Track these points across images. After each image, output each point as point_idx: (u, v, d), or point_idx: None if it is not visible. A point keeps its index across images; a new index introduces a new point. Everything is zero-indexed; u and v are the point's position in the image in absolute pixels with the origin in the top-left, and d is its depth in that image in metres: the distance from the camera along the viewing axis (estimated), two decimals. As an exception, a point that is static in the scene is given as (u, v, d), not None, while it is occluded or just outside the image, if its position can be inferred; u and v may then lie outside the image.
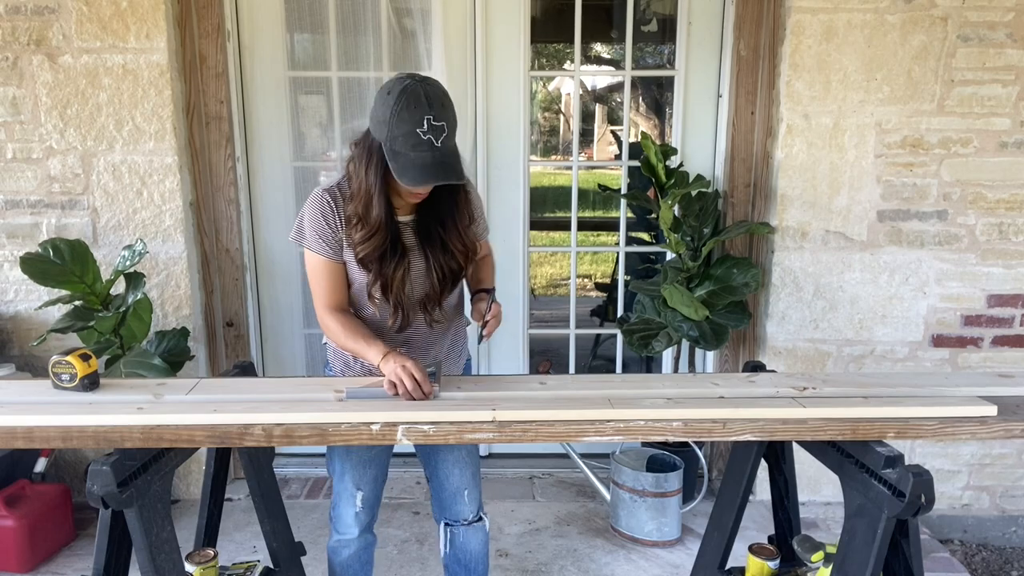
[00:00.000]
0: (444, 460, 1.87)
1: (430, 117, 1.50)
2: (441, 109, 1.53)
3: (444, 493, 1.91)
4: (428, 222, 1.70)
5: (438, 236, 1.71)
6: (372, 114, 1.59)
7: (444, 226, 1.71)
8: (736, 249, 2.87)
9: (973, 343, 2.81)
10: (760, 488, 2.88)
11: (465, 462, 1.88)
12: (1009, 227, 2.71)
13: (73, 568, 2.52)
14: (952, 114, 2.62)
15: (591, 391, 1.54)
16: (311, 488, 3.08)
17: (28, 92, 2.62)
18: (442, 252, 1.71)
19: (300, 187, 3.02)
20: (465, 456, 1.88)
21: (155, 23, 2.58)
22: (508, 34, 2.85)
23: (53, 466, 2.86)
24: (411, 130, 1.50)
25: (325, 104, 3.00)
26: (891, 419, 1.40)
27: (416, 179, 1.53)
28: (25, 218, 2.73)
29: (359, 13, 2.86)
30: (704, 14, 2.84)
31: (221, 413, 1.39)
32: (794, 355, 2.82)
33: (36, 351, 2.77)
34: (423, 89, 1.51)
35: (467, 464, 1.89)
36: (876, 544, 1.35)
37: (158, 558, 1.39)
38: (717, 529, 1.88)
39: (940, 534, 2.95)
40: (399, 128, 1.51)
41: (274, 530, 1.90)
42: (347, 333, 1.65)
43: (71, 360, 1.50)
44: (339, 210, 1.66)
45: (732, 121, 2.81)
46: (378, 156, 1.57)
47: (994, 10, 2.54)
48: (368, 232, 1.62)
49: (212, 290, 2.94)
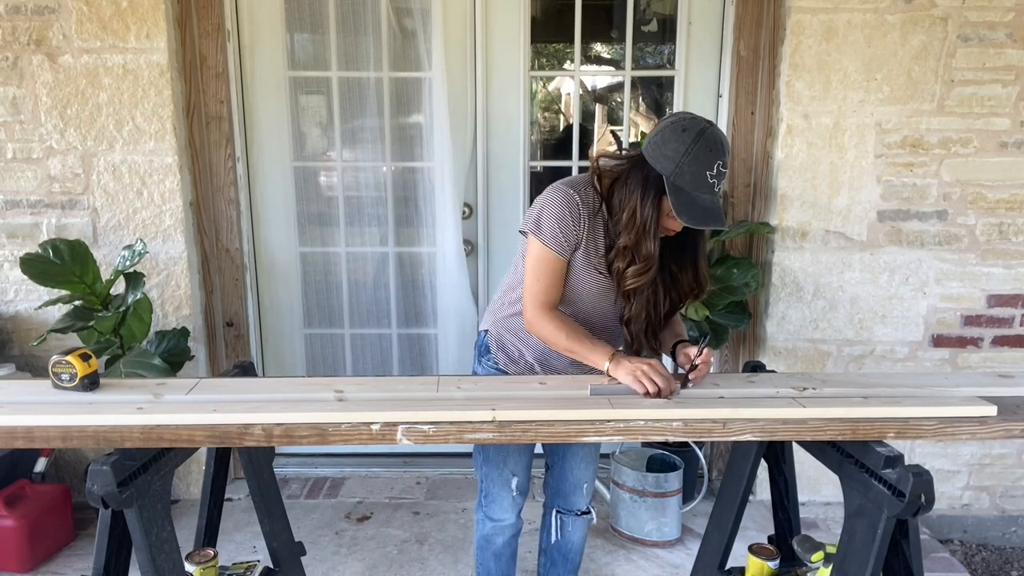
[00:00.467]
0: (574, 454, 1.96)
1: (720, 163, 1.55)
2: (729, 158, 1.59)
3: (565, 484, 2.00)
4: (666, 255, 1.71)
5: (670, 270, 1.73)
6: (656, 146, 1.58)
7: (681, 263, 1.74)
8: (736, 249, 2.87)
9: (973, 343, 2.81)
10: (760, 488, 2.88)
11: (591, 458, 1.98)
12: (1009, 227, 2.71)
13: (73, 568, 2.52)
14: (952, 114, 2.62)
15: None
16: (311, 488, 3.08)
17: (28, 92, 2.62)
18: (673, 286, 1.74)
19: (300, 187, 3.02)
20: (593, 452, 1.98)
21: (155, 23, 2.58)
22: (508, 34, 2.85)
23: (53, 466, 2.86)
24: (701, 172, 1.54)
25: (325, 104, 3.00)
26: (891, 419, 1.40)
27: (696, 220, 1.55)
28: (25, 218, 2.73)
29: (359, 13, 2.86)
30: (704, 14, 2.84)
31: (221, 413, 1.39)
32: (794, 355, 2.82)
33: (36, 351, 2.77)
34: (719, 136, 1.57)
35: (592, 460, 1.99)
36: (876, 544, 1.35)
37: (158, 558, 1.39)
38: (717, 529, 1.88)
39: (940, 534, 2.95)
40: (691, 167, 1.54)
41: (274, 530, 1.89)
42: (569, 335, 1.65)
43: (71, 360, 1.50)
44: (583, 213, 1.66)
45: (732, 121, 2.80)
46: (655, 189, 1.59)
47: (994, 10, 2.54)
48: (642, 268, 1.64)
49: (212, 290, 2.94)
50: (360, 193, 3.05)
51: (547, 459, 2.03)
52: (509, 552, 2.01)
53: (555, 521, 2.03)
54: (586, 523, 2.06)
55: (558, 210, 1.64)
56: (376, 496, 3.03)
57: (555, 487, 2.03)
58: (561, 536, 2.05)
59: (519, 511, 1.97)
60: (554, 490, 2.04)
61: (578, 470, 1.98)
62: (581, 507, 2.03)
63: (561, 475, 2.00)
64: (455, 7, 2.84)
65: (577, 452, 1.96)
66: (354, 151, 3.03)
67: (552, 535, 2.05)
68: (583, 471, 1.98)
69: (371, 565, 2.55)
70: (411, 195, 3.02)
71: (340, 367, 3.19)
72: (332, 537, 2.73)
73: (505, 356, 1.85)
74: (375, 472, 3.21)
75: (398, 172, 3.03)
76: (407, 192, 3.01)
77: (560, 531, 2.04)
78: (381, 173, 3.03)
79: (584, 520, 2.05)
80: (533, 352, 1.82)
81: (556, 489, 2.03)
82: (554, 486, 2.03)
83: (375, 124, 2.97)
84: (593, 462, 1.99)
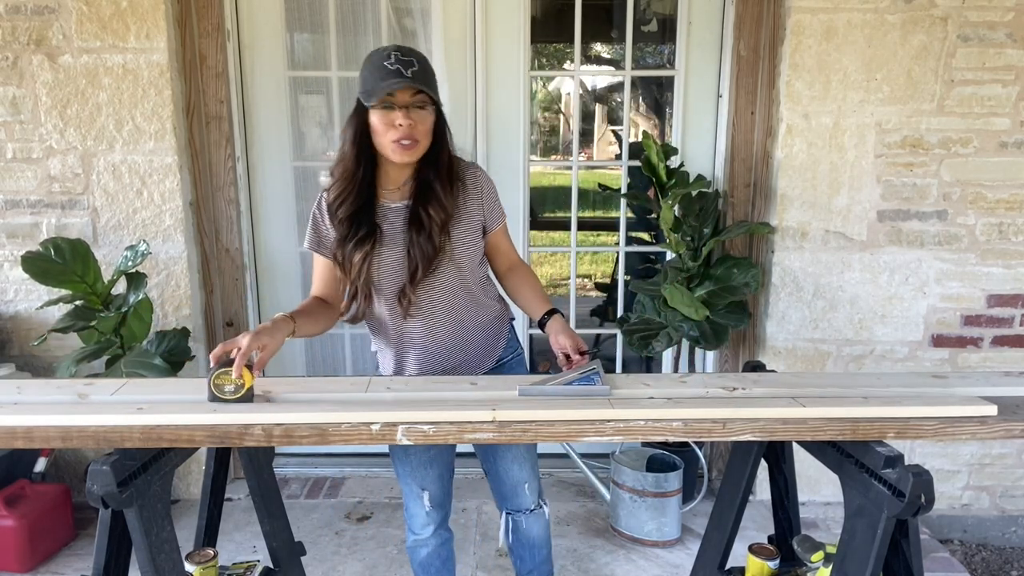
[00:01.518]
0: (503, 457, 1.90)
1: (397, 52, 1.57)
2: (410, 51, 1.58)
3: (504, 487, 1.95)
4: (416, 207, 1.68)
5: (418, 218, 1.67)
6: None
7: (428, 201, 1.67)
8: (736, 249, 2.87)
9: (973, 343, 2.81)
10: (760, 488, 2.88)
11: (524, 458, 1.91)
12: (1009, 227, 2.71)
13: (73, 568, 2.52)
14: (952, 114, 2.62)
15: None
16: (311, 488, 3.08)
17: (28, 92, 2.62)
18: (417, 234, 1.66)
19: (300, 187, 3.02)
20: (523, 452, 1.91)
21: (155, 23, 2.58)
22: (508, 34, 2.85)
23: (53, 466, 2.86)
24: (379, 64, 1.56)
25: (325, 104, 3.00)
26: (891, 419, 1.40)
27: (378, 90, 1.55)
28: (25, 218, 2.73)
29: (359, 13, 2.86)
30: (704, 14, 2.84)
31: (221, 413, 1.39)
32: (794, 355, 2.82)
33: (36, 351, 2.77)
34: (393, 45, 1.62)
35: (525, 459, 1.92)
36: (876, 544, 1.35)
37: (158, 558, 1.39)
38: (717, 529, 1.88)
39: (940, 534, 2.95)
40: (367, 71, 1.58)
41: (274, 530, 1.89)
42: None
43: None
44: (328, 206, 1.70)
45: (732, 121, 2.81)
46: (357, 111, 1.63)
47: (994, 10, 2.54)
48: (338, 179, 1.66)
49: (212, 290, 2.94)
50: (360, 193, 3.05)
51: (482, 465, 1.97)
52: (439, 562, 1.96)
53: (507, 523, 1.98)
54: (541, 517, 2.00)
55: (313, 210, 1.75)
56: (376, 496, 3.03)
57: (497, 490, 1.97)
58: (516, 535, 1.99)
59: (439, 524, 1.92)
60: (497, 493, 1.98)
61: (512, 471, 1.91)
62: (528, 506, 1.96)
63: (497, 479, 1.94)
64: (455, 7, 2.84)
65: (506, 455, 1.89)
66: (354, 151, 3.02)
67: (508, 535, 2.00)
68: (518, 472, 1.91)
69: (371, 565, 2.56)
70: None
71: (340, 367, 3.19)
72: (332, 537, 2.73)
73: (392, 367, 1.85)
74: (375, 472, 3.21)
75: (398, 172, 3.03)
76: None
77: (514, 531, 1.99)
78: (381, 173, 3.03)
79: (537, 515, 1.99)
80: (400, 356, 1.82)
81: (498, 493, 1.97)
82: (496, 489, 1.98)
83: (375, 124, 2.97)
84: (528, 461, 1.92)
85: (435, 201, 1.67)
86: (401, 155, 1.62)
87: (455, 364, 1.80)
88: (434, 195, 1.68)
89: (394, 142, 1.60)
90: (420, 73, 1.57)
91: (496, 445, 1.88)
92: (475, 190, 1.76)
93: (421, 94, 1.58)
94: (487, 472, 1.97)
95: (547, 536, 2.05)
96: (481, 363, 1.84)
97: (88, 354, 2.40)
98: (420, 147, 1.63)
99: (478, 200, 1.76)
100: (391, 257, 1.68)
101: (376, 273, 1.69)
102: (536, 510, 1.98)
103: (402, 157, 1.62)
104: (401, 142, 1.59)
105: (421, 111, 1.60)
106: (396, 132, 1.58)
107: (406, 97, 1.58)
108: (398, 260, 1.68)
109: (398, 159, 1.63)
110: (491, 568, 2.55)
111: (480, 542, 2.69)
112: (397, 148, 1.60)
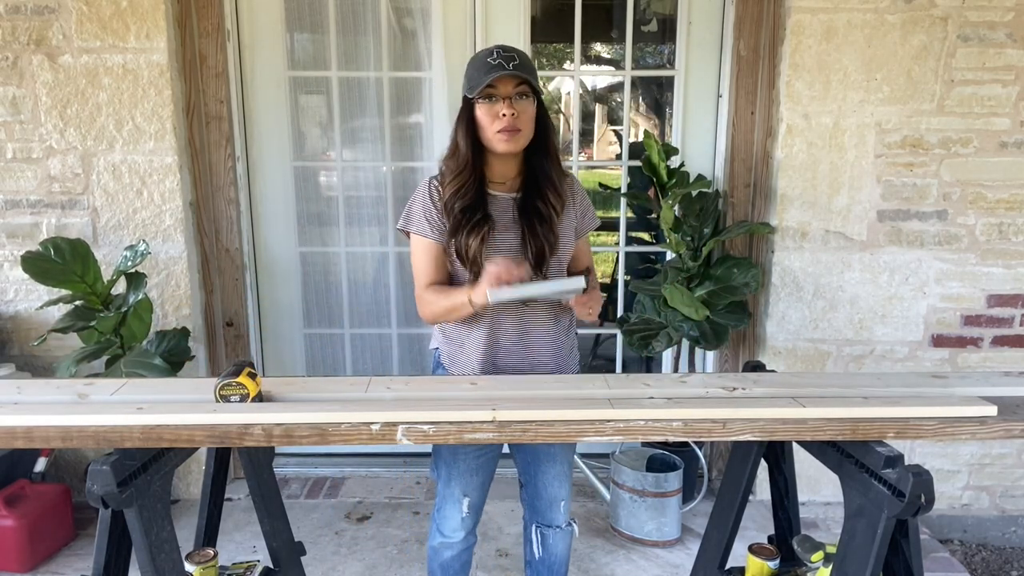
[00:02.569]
0: (545, 472, 1.90)
1: (499, 49, 1.64)
2: (511, 49, 1.64)
3: (540, 501, 1.94)
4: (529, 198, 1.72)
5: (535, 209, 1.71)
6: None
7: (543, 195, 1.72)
8: (736, 249, 2.87)
9: (973, 343, 2.81)
10: (760, 488, 2.88)
11: (565, 476, 1.92)
12: (1009, 227, 2.71)
13: (73, 568, 2.52)
14: (952, 114, 2.62)
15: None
16: (311, 488, 3.08)
17: (28, 92, 2.62)
18: (539, 224, 1.70)
19: (300, 187, 3.02)
20: (566, 470, 1.92)
21: (155, 23, 2.58)
22: (508, 34, 2.85)
23: (53, 466, 2.86)
24: (483, 61, 1.64)
25: (325, 104, 3.00)
26: (891, 419, 1.40)
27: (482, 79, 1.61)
28: (25, 218, 2.73)
29: (359, 13, 2.86)
30: (704, 14, 2.84)
31: (221, 413, 1.39)
32: (794, 355, 2.82)
33: (36, 351, 2.77)
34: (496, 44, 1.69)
35: (566, 477, 1.93)
36: (876, 544, 1.35)
37: (158, 558, 1.39)
38: (717, 529, 1.88)
39: (940, 534, 2.95)
40: (473, 68, 1.66)
41: (274, 530, 1.89)
42: (439, 295, 1.70)
43: (242, 381, 1.44)
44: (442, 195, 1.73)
45: (732, 121, 2.81)
46: (464, 107, 1.69)
47: (994, 10, 2.54)
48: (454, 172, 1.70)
49: (212, 290, 2.94)
50: (360, 193, 3.06)
51: (520, 476, 1.98)
52: (458, 565, 1.96)
53: (535, 536, 1.98)
54: (568, 535, 2.00)
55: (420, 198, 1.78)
56: (376, 496, 3.03)
57: (531, 504, 1.98)
58: (543, 550, 1.99)
59: (470, 530, 1.92)
60: (530, 506, 1.98)
61: (552, 488, 1.92)
62: (559, 523, 1.96)
63: (535, 492, 1.94)
64: (455, 7, 2.84)
65: (548, 471, 1.90)
66: (354, 151, 3.03)
67: (534, 549, 2.00)
68: (557, 489, 1.92)
69: (371, 565, 2.56)
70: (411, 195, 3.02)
71: (340, 367, 3.19)
72: (332, 537, 2.73)
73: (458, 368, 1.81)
74: (375, 472, 3.21)
75: (398, 172, 3.03)
76: (407, 192, 3.01)
77: (541, 545, 1.98)
78: (381, 173, 3.03)
79: (565, 533, 1.99)
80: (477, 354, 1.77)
81: (532, 506, 1.97)
82: (530, 503, 1.98)
83: (375, 124, 2.97)
84: (567, 480, 1.93)
85: (552, 190, 1.74)
86: (506, 144, 1.66)
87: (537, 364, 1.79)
88: (550, 184, 1.74)
89: (499, 132, 1.64)
90: (520, 66, 1.63)
91: (539, 458, 1.89)
92: (570, 193, 1.81)
93: (523, 85, 1.64)
94: (524, 484, 1.96)
95: (568, 555, 2.05)
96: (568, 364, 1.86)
97: (88, 354, 2.40)
98: (523, 136, 1.67)
99: (571, 201, 1.81)
100: (505, 244, 1.71)
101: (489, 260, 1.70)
102: (566, 528, 1.98)
103: (507, 147, 1.66)
104: (506, 131, 1.64)
105: (523, 101, 1.65)
106: (500, 122, 1.64)
107: (508, 88, 1.63)
108: (512, 248, 1.71)
109: (503, 149, 1.67)
110: (491, 568, 2.55)
111: (480, 542, 2.69)
112: (502, 138, 1.65)
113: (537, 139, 1.72)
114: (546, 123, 1.74)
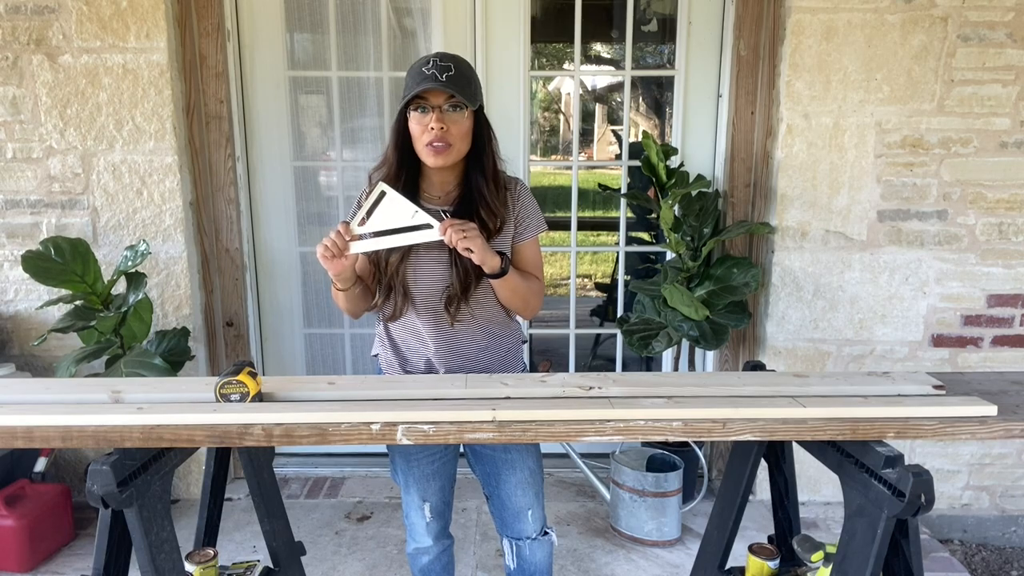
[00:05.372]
0: (506, 482, 1.83)
1: (436, 57, 1.58)
2: (449, 58, 1.59)
3: (507, 513, 1.88)
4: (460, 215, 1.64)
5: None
6: None
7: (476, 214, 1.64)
8: (736, 249, 2.87)
9: (973, 343, 2.81)
10: (760, 488, 2.88)
11: (528, 483, 1.84)
12: (1009, 227, 2.71)
13: (73, 568, 2.52)
14: (952, 114, 2.62)
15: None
16: (311, 488, 3.08)
17: (28, 92, 2.62)
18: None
19: (300, 187, 3.02)
20: (528, 477, 1.84)
21: (155, 23, 2.58)
22: (508, 34, 2.85)
23: (53, 466, 2.86)
24: (418, 70, 1.58)
25: (325, 104, 3.00)
26: (891, 419, 1.40)
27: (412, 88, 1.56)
28: (25, 218, 2.73)
29: (359, 13, 2.86)
30: (704, 14, 2.84)
31: (221, 413, 1.39)
32: (794, 355, 2.82)
33: (36, 351, 2.77)
34: (435, 52, 1.67)
35: (529, 485, 1.85)
36: (876, 544, 1.35)
37: (158, 558, 1.39)
38: (717, 529, 1.88)
39: (940, 534, 2.95)
40: (408, 76, 1.60)
41: (274, 530, 1.89)
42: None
43: (243, 379, 1.44)
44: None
45: (732, 121, 2.81)
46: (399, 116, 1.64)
47: (994, 10, 2.54)
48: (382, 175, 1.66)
49: (212, 290, 2.94)
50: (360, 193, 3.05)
51: (483, 489, 1.91)
52: (439, 567, 1.93)
53: (510, 548, 1.91)
54: (547, 544, 1.92)
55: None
56: (376, 496, 3.03)
57: (498, 515, 1.90)
58: (519, 561, 1.93)
59: (437, 534, 1.90)
60: (499, 519, 1.91)
61: (515, 498, 1.84)
62: (531, 534, 1.88)
63: (500, 504, 1.87)
64: (455, 7, 2.84)
65: (509, 479, 1.82)
66: (354, 151, 3.03)
67: (511, 560, 1.94)
68: (521, 498, 1.84)
69: (371, 565, 2.56)
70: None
71: (340, 367, 3.19)
72: (332, 537, 2.73)
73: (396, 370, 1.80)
74: (375, 472, 3.21)
75: (398, 172, 3.03)
76: (407, 192, 3.02)
77: (516, 557, 1.92)
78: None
79: (542, 543, 1.91)
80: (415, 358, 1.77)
81: (500, 518, 1.90)
82: (498, 515, 1.90)
83: (375, 124, 2.97)
84: (530, 487, 1.84)
85: (485, 207, 1.66)
86: (434, 158, 1.60)
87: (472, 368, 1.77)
88: (484, 201, 1.66)
89: (427, 145, 1.59)
90: (455, 77, 1.56)
91: (498, 467, 1.83)
92: (511, 202, 1.73)
93: (455, 97, 1.57)
94: (489, 496, 1.90)
95: (549, 564, 1.97)
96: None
97: (88, 354, 2.40)
98: (455, 151, 1.61)
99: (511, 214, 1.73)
100: (430, 264, 1.67)
101: (412, 278, 1.68)
102: (540, 538, 1.91)
103: (435, 160, 1.61)
104: (433, 144, 1.58)
105: (454, 113, 1.59)
106: (429, 135, 1.58)
107: (439, 100, 1.57)
108: (438, 268, 1.66)
109: (431, 162, 1.62)
110: (491, 568, 2.55)
111: (480, 542, 2.70)
112: (430, 151, 1.60)
113: (473, 154, 1.66)
114: (484, 138, 1.67)
